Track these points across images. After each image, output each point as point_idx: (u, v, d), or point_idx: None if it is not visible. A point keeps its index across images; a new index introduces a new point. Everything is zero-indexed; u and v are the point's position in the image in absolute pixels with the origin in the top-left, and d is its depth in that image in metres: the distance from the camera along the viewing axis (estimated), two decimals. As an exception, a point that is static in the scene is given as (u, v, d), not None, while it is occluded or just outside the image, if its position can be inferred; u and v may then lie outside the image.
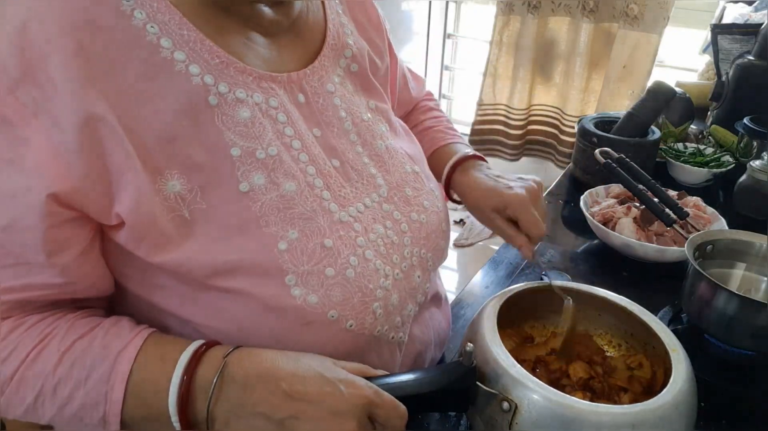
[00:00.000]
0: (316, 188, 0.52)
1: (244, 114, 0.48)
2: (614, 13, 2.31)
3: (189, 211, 0.45)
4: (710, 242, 0.78)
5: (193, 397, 0.44)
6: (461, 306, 0.85)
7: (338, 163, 0.55)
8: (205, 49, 0.47)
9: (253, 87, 0.50)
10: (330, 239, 0.50)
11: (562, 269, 0.93)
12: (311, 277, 0.48)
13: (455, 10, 2.94)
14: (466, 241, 2.78)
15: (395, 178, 0.60)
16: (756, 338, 0.68)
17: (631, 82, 2.36)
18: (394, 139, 0.64)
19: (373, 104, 0.63)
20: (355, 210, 0.54)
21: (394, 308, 0.55)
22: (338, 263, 0.50)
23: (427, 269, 0.61)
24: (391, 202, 0.58)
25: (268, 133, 0.50)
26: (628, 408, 0.48)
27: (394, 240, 0.56)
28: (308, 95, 0.55)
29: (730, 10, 1.84)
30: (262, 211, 0.48)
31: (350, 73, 0.61)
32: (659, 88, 1.17)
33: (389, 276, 0.54)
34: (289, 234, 0.48)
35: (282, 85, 0.52)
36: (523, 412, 0.48)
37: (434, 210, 0.62)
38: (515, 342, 0.65)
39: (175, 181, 0.45)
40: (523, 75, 2.60)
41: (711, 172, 1.20)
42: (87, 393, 0.44)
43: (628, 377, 0.60)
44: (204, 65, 0.47)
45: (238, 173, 0.47)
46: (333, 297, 0.49)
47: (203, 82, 0.46)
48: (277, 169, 0.49)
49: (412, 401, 0.48)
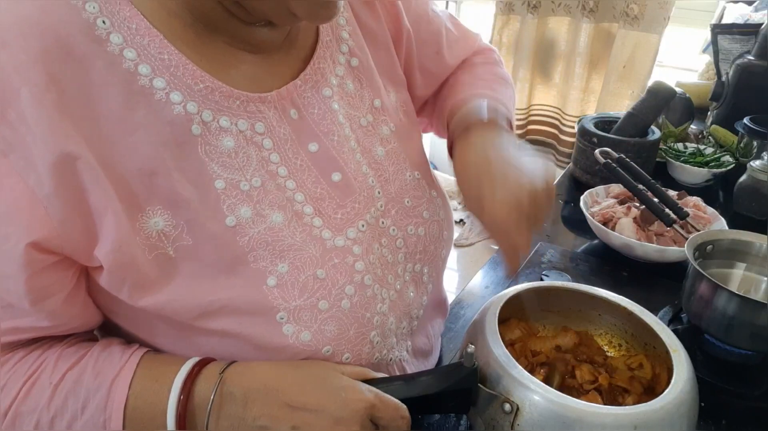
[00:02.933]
0: (306, 216, 0.49)
1: (228, 143, 0.45)
2: (614, 13, 2.31)
3: (174, 248, 0.43)
4: (710, 242, 0.78)
5: (192, 416, 0.43)
6: (461, 306, 0.85)
7: (339, 177, 0.52)
8: (188, 73, 0.44)
9: (239, 113, 0.46)
10: (323, 269, 0.48)
11: (562, 269, 0.93)
12: (303, 312, 0.46)
13: (455, 10, 2.94)
14: (466, 241, 2.78)
15: (394, 187, 0.57)
16: (756, 338, 0.68)
17: (631, 82, 2.35)
18: (398, 141, 0.59)
19: (378, 102, 0.58)
20: (354, 231, 0.52)
21: (390, 331, 0.54)
22: (332, 294, 0.48)
23: (421, 283, 0.59)
24: (387, 216, 0.55)
25: (253, 162, 0.47)
26: (630, 409, 0.48)
27: (389, 259, 0.54)
28: (301, 109, 0.51)
29: (730, 10, 1.84)
30: (250, 245, 0.46)
31: (351, 69, 0.56)
32: (659, 88, 1.17)
33: (385, 299, 0.52)
34: (278, 269, 0.46)
35: (272, 104, 0.49)
36: (524, 413, 0.48)
37: (435, 219, 0.59)
38: (521, 331, 0.65)
39: (158, 218, 0.42)
40: (522, 75, 2.60)
41: (711, 172, 1.21)
42: (85, 424, 0.43)
43: (629, 377, 0.60)
44: (186, 92, 0.44)
45: (223, 207, 0.45)
46: (327, 333, 0.47)
47: (186, 110, 0.43)
48: (262, 201, 0.47)
49: (414, 403, 0.48)
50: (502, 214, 0.52)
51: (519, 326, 0.65)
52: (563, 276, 0.90)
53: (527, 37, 2.51)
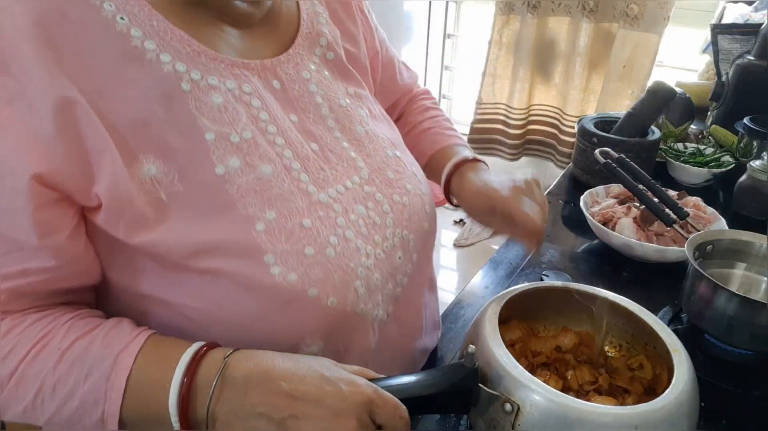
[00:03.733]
0: (293, 170, 0.53)
1: (217, 100, 0.49)
2: (614, 13, 2.31)
3: (166, 194, 0.46)
4: (710, 242, 0.78)
5: (194, 398, 0.44)
6: (461, 306, 0.85)
7: (317, 147, 0.56)
8: (176, 38, 0.48)
9: (225, 74, 0.51)
10: (309, 219, 0.51)
11: (562, 269, 0.93)
12: (290, 256, 0.49)
13: (455, 9, 2.94)
14: (466, 241, 2.78)
15: (376, 161, 0.61)
16: (756, 338, 0.68)
17: (631, 82, 2.36)
18: (375, 125, 0.64)
19: (352, 90, 0.64)
20: (334, 191, 0.55)
21: (376, 287, 0.56)
22: (318, 242, 0.51)
23: (408, 250, 0.61)
24: (372, 184, 0.59)
25: (242, 117, 0.51)
26: (631, 409, 0.48)
27: (376, 220, 0.57)
28: (283, 81, 0.56)
29: (730, 10, 1.84)
30: (239, 193, 0.48)
31: (326, 60, 0.62)
32: (659, 88, 1.17)
33: (371, 255, 0.55)
34: (266, 215, 0.49)
35: (255, 71, 0.53)
36: (525, 413, 0.48)
37: (417, 193, 0.63)
38: (522, 332, 0.65)
39: (150, 165, 0.45)
40: (522, 75, 2.60)
41: (711, 172, 1.21)
42: (87, 391, 0.44)
43: (629, 378, 0.60)
44: (175, 54, 0.48)
45: (213, 157, 0.48)
46: (313, 275, 0.50)
47: (175, 69, 0.47)
48: (252, 153, 0.50)
49: (414, 403, 0.48)
50: (508, 195, 0.65)
51: (519, 326, 0.65)
52: (563, 276, 0.90)
53: (527, 37, 2.51)
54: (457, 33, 3.02)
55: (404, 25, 2.67)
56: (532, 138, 2.78)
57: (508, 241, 1.03)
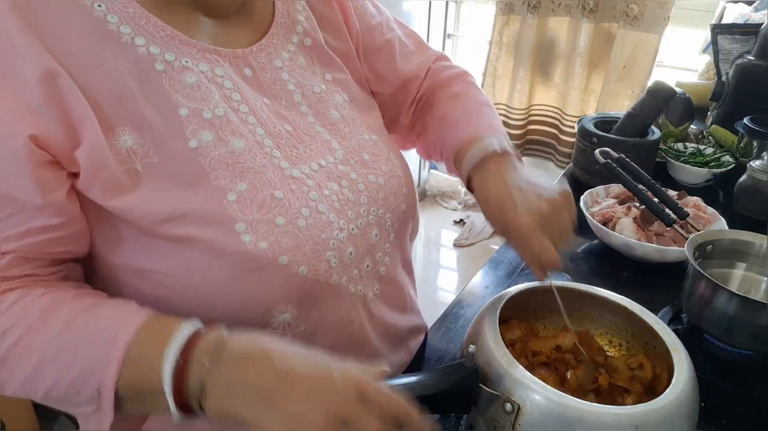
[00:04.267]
0: (266, 146, 0.55)
1: (190, 79, 0.52)
2: (614, 13, 2.31)
3: (142, 164, 0.48)
4: (710, 242, 0.78)
5: (189, 368, 0.44)
6: (461, 306, 0.85)
7: (290, 128, 0.58)
8: (150, 23, 0.51)
9: (198, 57, 0.53)
10: (281, 191, 0.53)
11: (562, 269, 0.93)
12: (261, 225, 0.51)
13: (455, 9, 2.94)
14: (466, 241, 2.78)
15: (352, 143, 0.62)
16: (756, 338, 0.68)
17: (631, 82, 2.35)
18: (353, 109, 0.65)
19: (329, 76, 0.65)
20: (307, 168, 0.57)
21: (350, 261, 0.58)
22: (289, 213, 0.53)
23: (385, 229, 0.63)
24: (347, 164, 0.60)
25: (215, 95, 0.53)
26: (631, 409, 0.48)
27: (350, 197, 0.59)
28: (255, 69, 0.58)
29: (730, 10, 1.84)
30: (212, 165, 0.51)
31: (303, 47, 0.63)
32: (659, 88, 1.17)
33: (344, 229, 0.57)
34: (238, 187, 0.51)
35: (227, 59, 0.56)
36: (525, 413, 0.48)
37: (394, 174, 0.64)
38: (522, 331, 0.65)
39: (127, 137, 0.48)
40: (522, 75, 2.60)
41: (711, 172, 1.21)
42: (86, 361, 0.45)
43: (629, 377, 0.60)
44: (149, 37, 0.51)
45: (186, 131, 0.50)
46: (283, 244, 0.51)
47: (149, 51, 0.50)
48: (224, 128, 0.52)
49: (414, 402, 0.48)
50: (525, 220, 0.57)
51: (519, 326, 0.65)
52: (563, 276, 0.90)
53: (527, 37, 2.51)
54: (457, 33, 3.01)
55: (404, 25, 2.67)
56: (533, 138, 2.78)
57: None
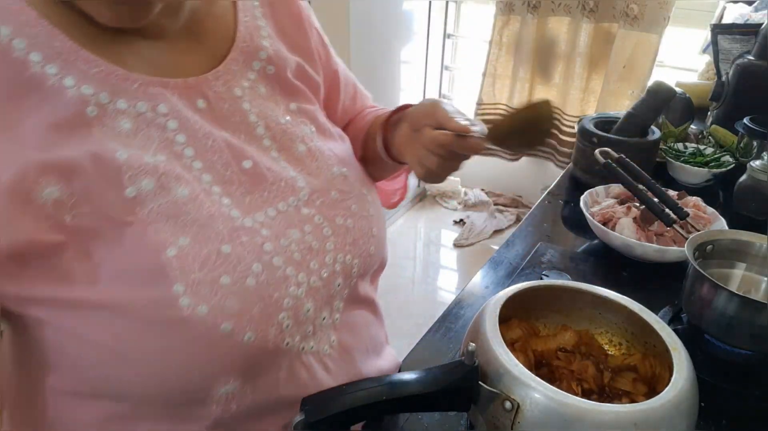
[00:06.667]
0: (214, 194, 0.49)
1: (126, 125, 0.46)
2: (614, 13, 2.31)
3: (71, 215, 0.43)
4: (710, 242, 0.78)
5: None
6: (461, 307, 0.85)
7: (250, 164, 0.53)
8: (81, 59, 0.45)
9: (137, 95, 0.47)
10: (229, 245, 0.48)
11: (562, 269, 0.93)
12: (202, 286, 0.45)
13: (455, 10, 2.94)
14: (466, 241, 2.78)
15: (319, 180, 0.58)
16: (756, 338, 0.68)
17: (631, 82, 2.36)
18: (322, 141, 0.61)
19: (294, 106, 0.60)
20: (263, 215, 0.52)
21: (306, 318, 0.53)
22: (237, 270, 0.47)
23: (350, 276, 0.59)
24: (312, 206, 0.56)
25: (155, 142, 0.47)
26: (631, 407, 0.48)
27: (313, 245, 0.54)
28: (210, 100, 0.52)
29: (730, 10, 1.84)
30: (150, 217, 0.45)
31: (266, 75, 0.58)
32: (659, 88, 1.17)
33: (303, 284, 0.52)
34: (179, 241, 0.46)
35: (176, 90, 0.50)
36: (525, 412, 0.48)
37: (363, 214, 0.60)
38: (522, 331, 0.65)
39: (52, 188, 0.42)
40: (522, 75, 2.60)
41: (711, 172, 1.21)
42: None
43: (629, 376, 0.60)
44: (80, 76, 0.45)
45: (124, 178, 0.45)
46: (227, 308, 0.46)
47: (80, 92, 0.44)
48: (168, 174, 0.47)
49: (414, 400, 0.48)
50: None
51: (520, 325, 0.65)
52: (563, 276, 0.90)
53: (527, 37, 2.52)
54: (457, 33, 3.01)
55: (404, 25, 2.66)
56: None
57: (509, 241, 1.03)
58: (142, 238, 0.45)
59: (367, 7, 2.30)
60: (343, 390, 0.49)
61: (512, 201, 3.07)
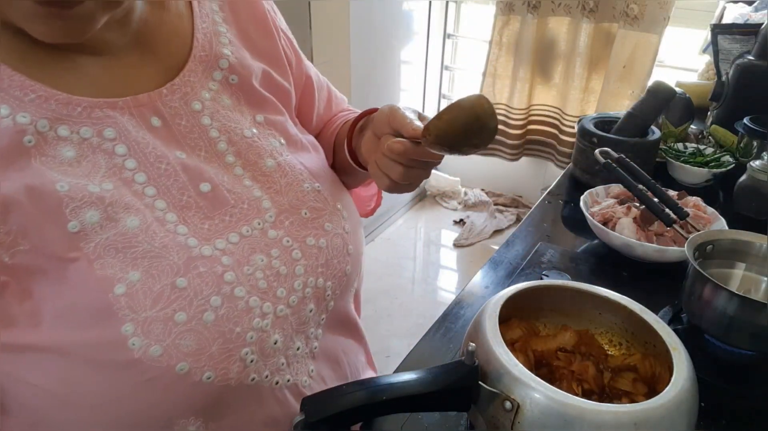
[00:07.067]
0: (168, 223, 0.46)
1: (68, 153, 0.43)
2: (614, 13, 2.31)
3: (9, 254, 0.40)
4: (710, 242, 0.78)
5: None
6: (461, 307, 0.85)
7: (209, 187, 0.50)
8: (15, 85, 0.42)
9: (80, 120, 0.44)
10: (184, 278, 0.45)
11: (562, 269, 0.93)
12: (155, 325, 0.43)
13: (455, 10, 2.94)
14: (466, 241, 2.79)
15: (288, 198, 0.54)
16: (756, 338, 0.68)
17: (631, 82, 2.36)
18: (293, 154, 0.58)
19: (261, 118, 0.56)
20: (224, 242, 0.49)
21: (275, 350, 0.50)
22: (193, 306, 0.44)
23: (323, 299, 0.55)
24: (280, 227, 0.52)
25: (101, 169, 0.44)
26: (631, 407, 0.48)
27: (281, 270, 0.51)
28: (165, 117, 0.49)
29: (730, 10, 1.84)
30: (96, 252, 0.42)
31: (229, 85, 0.54)
32: (659, 88, 1.17)
33: (268, 314, 0.49)
34: (129, 276, 0.43)
35: (125, 110, 0.46)
36: (525, 411, 0.48)
37: (338, 232, 0.57)
38: (522, 331, 0.65)
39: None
40: (522, 75, 2.60)
41: (711, 172, 1.21)
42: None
43: (629, 376, 0.60)
44: (15, 104, 0.41)
45: (66, 210, 0.42)
46: (183, 347, 0.43)
47: (15, 122, 0.41)
48: (115, 204, 0.44)
49: (414, 400, 0.48)
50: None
51: (519, 325, 0.65)
52: (563, 276, 0.90)
53: (527, 37, 2.51)
54: (457, 33, 3.01)
55: (404, 25, 2.67)
56: (532, 138, 2.78)
57: (509, 241, 1.03)
58: (88, 275, 0.42)
59: (367, 7, 2.30)
60: (343, 390, 0.49)
61: (512, 201, 3.07)
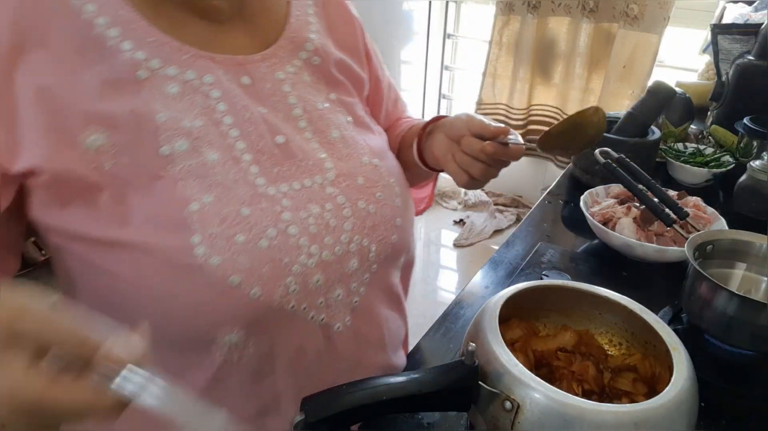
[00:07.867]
0: (243, 162, 0.53)
1: (173, 89, 0.51)
2: (614, 13, 2.31)
3: (111, 163, 0.48)
4: (710, 242, 0.78)
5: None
6: (461, 306, 0.85)
7: (283, 140, 0.56)
8: (141, 28, 0.50)
9: (186, 64, 0.52)
10: (248, 208, 0.51)
11: (562, 269, 0.93)
12: (218, 240, 0.49)
13: (455, 10, 2.94)
14: (466, 241, 2.78)
15: (348, 165, 0.60)
16: (756, 338, 0.68)
17: (631, 82, 2.36)
18: (357, 132, 0.64)
19: (334, 96, 0.63)
20: (287, 186, 0.55)
21: (316, 288, 0.55)
22: (252, 231, 0.51)
23: (367, 259, 0.60)
24: (336, 186, 0.58)
25: (197, 107, 0.52)
26: (631, 407, 0.48)
27: (331, 222, 0.56)
28: (254, 78, 0.56)
29: (730, 10, 1.84)
30: (180, 174, 0.50)
31: (311, 65, 0.62)
32: (659, 88, 1.17)
33: (314, 255, 0.54)
34: (203, 198, 0.50)
35: (223, 66, 0.54)
36: (525, 411, 0.48)
37: (389, 203, 0.61)
38: (522, 331, 0.65)
39: (96, 135, 0.47)
40: (522, 75, 2.61)
41: (711, 172, 1.21)
42: None
43: (629, 376, 0.60)
44: (137, 42, 0.50)
45: (160, 137, 0.50)
46: (238, 264, 0.50)
47: (133, 57, 0.49)
48: (202, 139, 0.51)
49: (414, 400, 0.48)
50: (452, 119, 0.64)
51: (520, 325, 0.65)
52: (563, 276, 0.90)
53: (527, 37, 2.52)
54: (457, 33, 3.02)
55: (404, 25, 2.67)
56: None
57: (509, 241, 1.03)
58: (171, 192, 0.49)
59: (367, 7, 2.29)
60: (343, 390, 0.49)
61: (512, 201, 3.07)
